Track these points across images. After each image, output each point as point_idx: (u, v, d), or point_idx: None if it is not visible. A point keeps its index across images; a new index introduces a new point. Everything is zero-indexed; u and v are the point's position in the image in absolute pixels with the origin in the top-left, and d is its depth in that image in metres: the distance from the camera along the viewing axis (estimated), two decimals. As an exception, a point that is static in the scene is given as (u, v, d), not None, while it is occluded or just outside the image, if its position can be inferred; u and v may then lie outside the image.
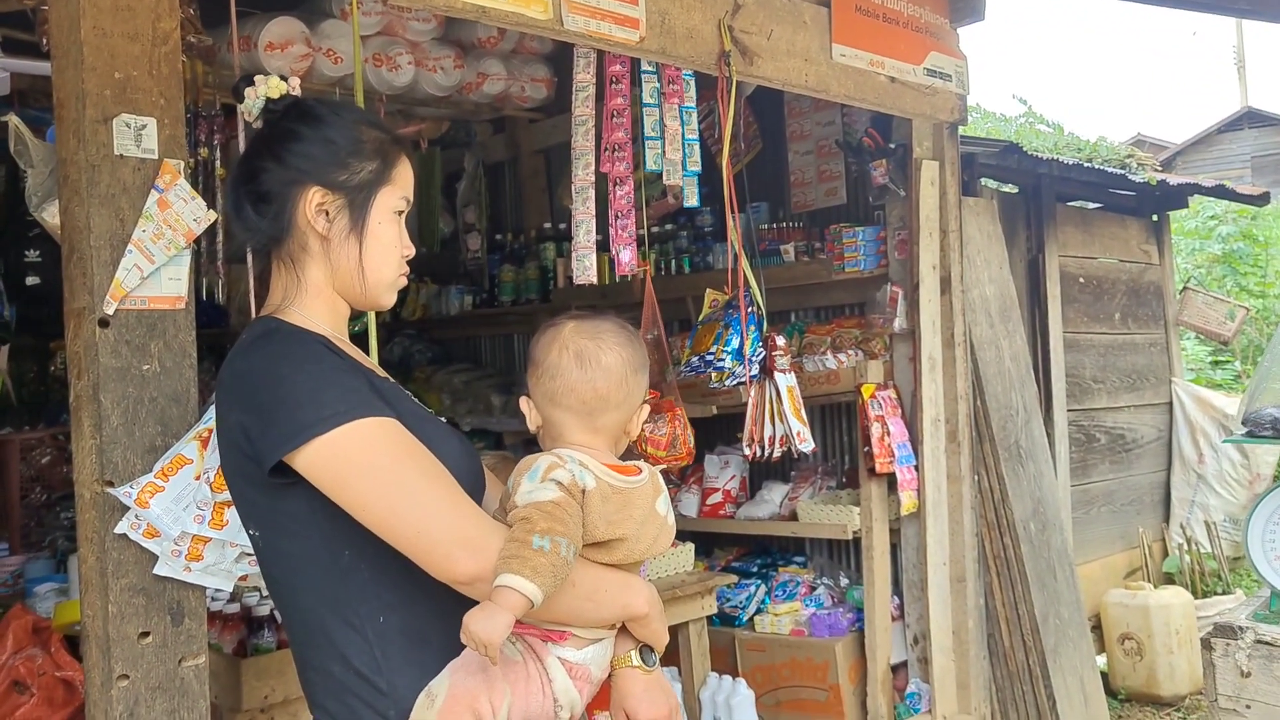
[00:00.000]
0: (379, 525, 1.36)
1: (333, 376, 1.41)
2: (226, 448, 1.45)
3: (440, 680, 1.39)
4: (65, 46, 1.91)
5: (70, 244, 1.91)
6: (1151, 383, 5.86)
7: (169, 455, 1.87)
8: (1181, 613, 4.95)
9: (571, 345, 1.52)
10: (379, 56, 3.46)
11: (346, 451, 1.36)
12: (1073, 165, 5.22)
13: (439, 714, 1.36)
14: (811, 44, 3.27)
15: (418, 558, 1.36)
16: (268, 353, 1.44)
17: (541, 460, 1.44)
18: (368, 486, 1.36)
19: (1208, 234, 9.86)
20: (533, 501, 1.38)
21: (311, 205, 1.52)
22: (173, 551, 1.85)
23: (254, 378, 1.42)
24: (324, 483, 1.37)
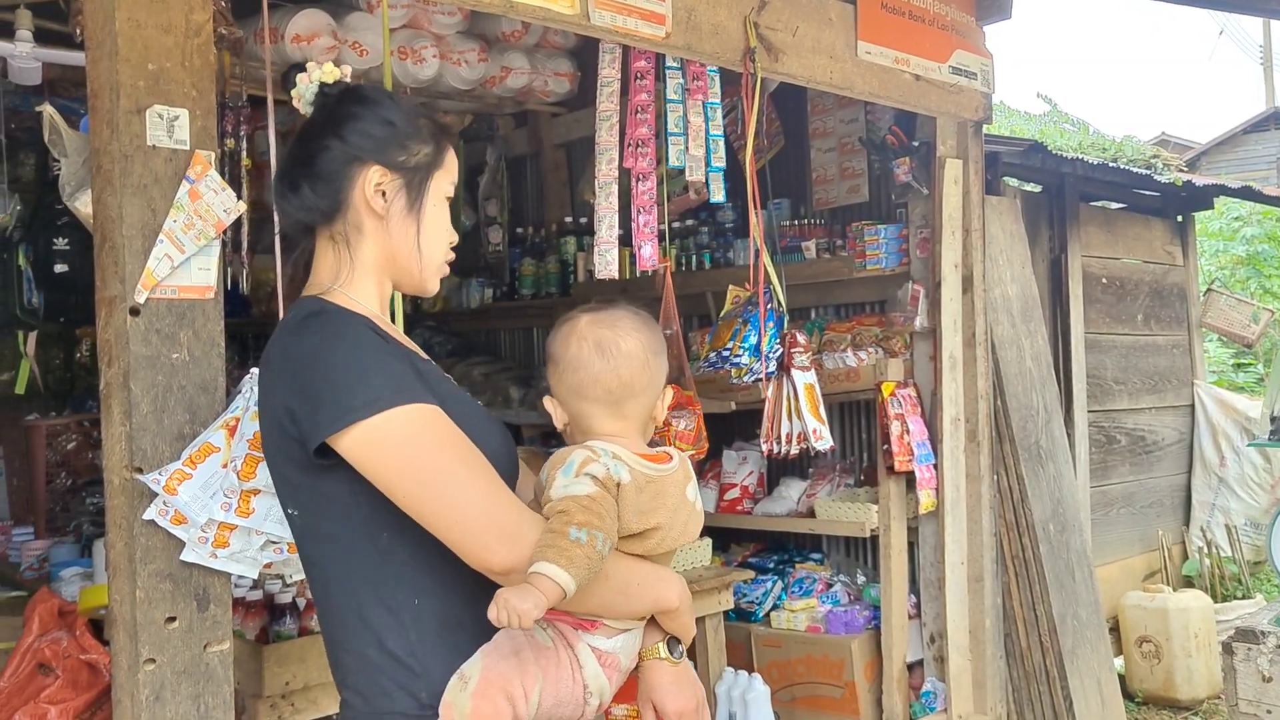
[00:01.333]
0: (417, 511, 1.38)
1: (378, 361, 1.41)
2: (270, 427, 1.46)
3: (473, 663, 1.40)
4: (100, 38, 1.94)
5: (103, 233, 1.93)
6: (1173, 385, 5.83)
7: (197, 443, 1.89)
8: (1200, 616, 4.93)
9: (590, 336, 1.53)
10: (404, 49, 3.48)
11: (389, 437, 1.37)
12: (1097, 165, 5.19)
13: (472, 695, 1.37)
14: (837, 41, 3.27)
15: (454, 545, 1.37)
16: (315, 333, 1.44)
17: (576, 454, 1.45)
18: (408, 473, 1.37)
19: (1232, 235, 9.78)
20: (569, 495, 1.39)
21: (370, 184, 1.53)
22: (199, 538, 1.88)
23: (301, 358, 1.42)
24: (365, 466, 1.38)
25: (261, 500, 1.85)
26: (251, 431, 1.86)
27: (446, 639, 1.44)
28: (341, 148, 1.54)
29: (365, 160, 1.53)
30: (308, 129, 1.59)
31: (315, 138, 1.56)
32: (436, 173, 1.59)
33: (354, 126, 1.55)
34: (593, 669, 1.47)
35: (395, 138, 1.55)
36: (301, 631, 2.53)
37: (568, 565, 1.32)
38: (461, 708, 1.36)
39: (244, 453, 1.83)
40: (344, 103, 1.58)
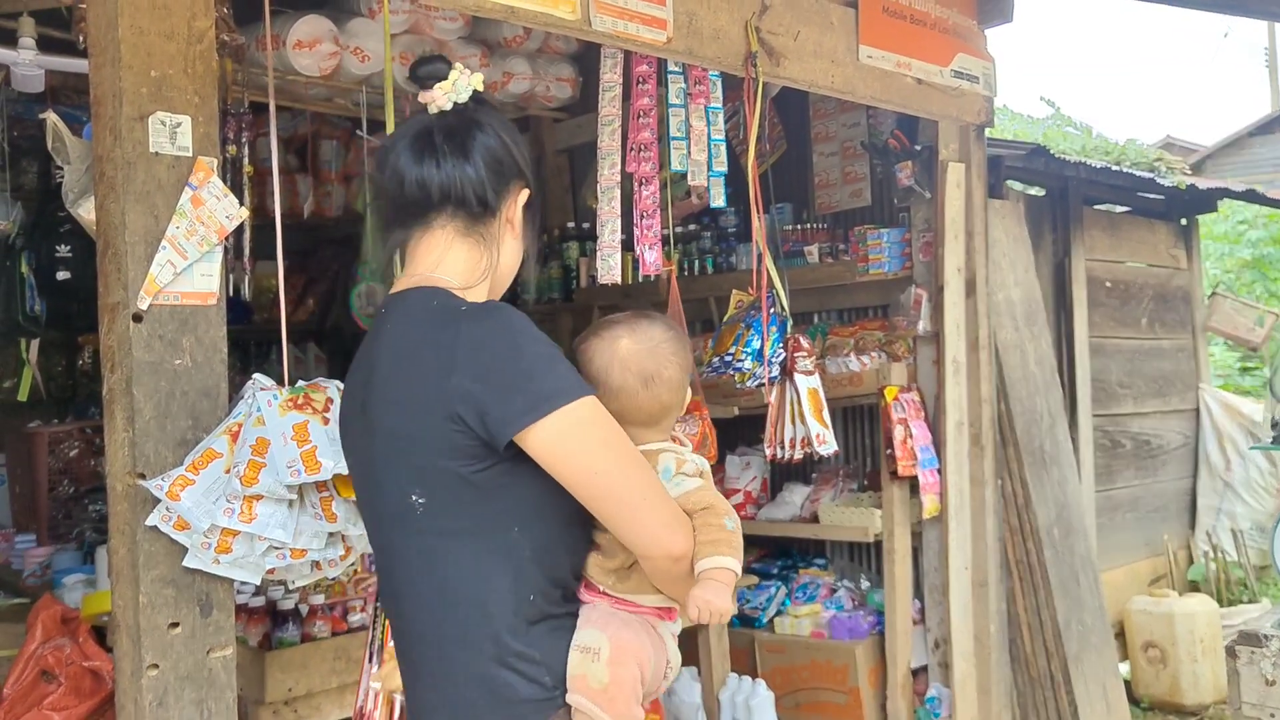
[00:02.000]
0: (600, 495, 1.46)
1: (556, 353, 1.46)
2: (430, 407, 1.44)
3: (598, 636, 1.51)
4: (103, 45, 1.94)
5: (105, 240, 1.94)
6: (1178, 388, 5.81)
7: (200, 449, 1.89)
8: (1206, 621, 4.91)
9: (633, 367, 1.61)
10: (405, 55, 3.48)
11: (582, 424, 1.43)
12: (1100, 168, 5.18)
13: (608, 663, 1.48)
14: (838, 45, 3.27)
15: (630, 530, 1.47)
16: (500, 323, 1.46)
17: (663, 458, 1.59)
18: (600, 458, 1.44)
19: (1237, 239, 9.76)
20: (686, 491, 1.54)
21: (521, 200, 1.63)
22: (202, 544, 1.87)
23: (491, 347, 1.44)
24: (557, 452, 1.43)
25: (265, 505, 1.85)
26: (254, 437, 1.86)
27: (555, 628, 1.52)
28: (511, 161, 1.61)
29: (522, 180, 1.63)
30: (465, 122, 1.59)
31: (481, 133, 1.59)
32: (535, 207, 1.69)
33: (517, 148, 1.62)
34: (672, 648, 1.64)
35: (527, 158, 1.64)
36: (304, 638, 2.53)
37: (732, 553, 1.49)
38: (599, 677, 1.48)
39: (247, 458, 1.83)
40: (496, 118, 1.63)
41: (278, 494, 1.83)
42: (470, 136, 1.58)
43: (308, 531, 1.90)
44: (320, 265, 5.92)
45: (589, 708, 1.48)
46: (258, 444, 1.85)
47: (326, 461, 1.85)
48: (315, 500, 1.90)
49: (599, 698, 1.48)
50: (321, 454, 1.86)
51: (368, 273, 4.05)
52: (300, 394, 1.96)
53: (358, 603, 2.65)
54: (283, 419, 1.89)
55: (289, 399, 1.94)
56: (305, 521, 1.90)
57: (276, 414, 1.90)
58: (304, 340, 5.79)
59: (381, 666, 2.09)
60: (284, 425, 1.88)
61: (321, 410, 1.95)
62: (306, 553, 1.92)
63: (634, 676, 1.51)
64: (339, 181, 4.71)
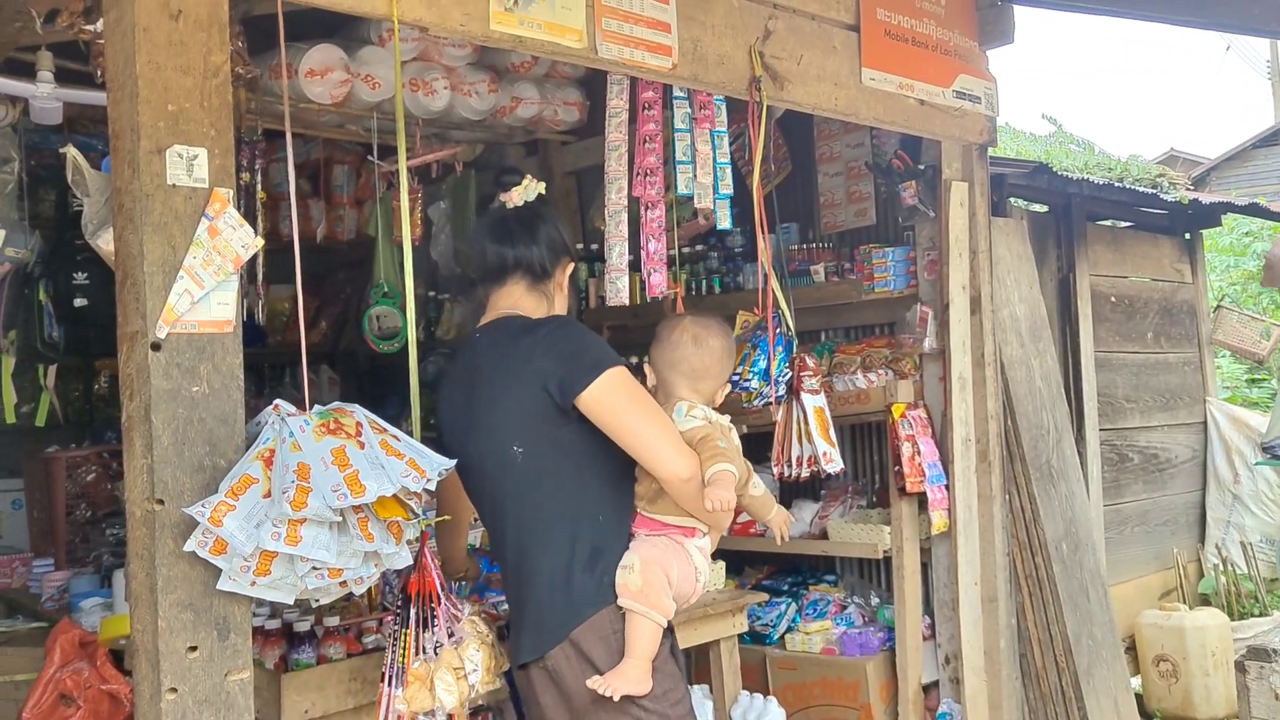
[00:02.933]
0: (631, 438, 2.12)
1: (602, 340, 2.26)
2: (524, 385, 2.15)
3: (631, 555, 2.17)
4: (121, 80, 1.99)
5: (124, 270, 1.98)
6: (1185, 402, 5.82)
7: (235, 475, 1.93)
8: (1217, 634, 4.90)
9: (690, 330, 2.31)
10: (415, 81, 3.54)
11: (620, 382, 2.13)
12: (1103, 185, 5.21)
13: (641, 573, 2.13)
14: (841, 68, 3.31)
15: (652, 461, 2.12)
16: (563, 323, 2.26)
17: (679, 405, 2.24)
18: (631, 408, 2.13)
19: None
20: (691, 427, 2.19)
21: (568, 270, 2.39)
22: (241, 567, 1.91)
23: (560, 334, 2.18)
24: (603, 404, 2.12)
25: (309, 529, 1.89)
26: (295, 463, 1.89)
27: (615, 544, 2.19)
28: (563, 242, 2.37)
29: (569, 255, 2.39)
30: (531, 214, 2.36)
31: (543, 222, 2.36)
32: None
33: (567, 233, 2.40)
34: (699, 559, 2.24)
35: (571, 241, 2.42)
36: (319, 660, 2.55)
37: (730, 461, 2.12)
38: (635, 582, 2.12)
39: (295, 483, 1.86)
40: (551, 212, 2.41)
41: (323, 517, 1.87)
42: (536, 226, 2.33)
43: (349, 551, 1.95)
44: (333, 289, 5.97)
45: (631, 604, 2.11)
46: (300, 469, 1.88)
47: (370, 484, 1.90)
48: (354, 522, 1.95)
49: (637, 596, 2.11)
50: (364, 477, 1.90)
51: (380, 296, 4.09)
52: (330, 419, 1.99)
53: (372, 624, 2.68)
54: (319, 444, 1.93)
55: (321, 424, 1.98)
56: (346, 542, 1.94)
57: (312, 439, 1.94)
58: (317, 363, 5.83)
59: (405, 688, 2.12)
60: (322, 450, 1.92)
61: (354, 435, 2.00)
62: (343, 572, 1.97)
63: (660, 579, 2.13)
64: (351, 206, 4.76)
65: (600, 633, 2.12)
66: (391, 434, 2.06)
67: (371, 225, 4.41)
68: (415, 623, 2.18)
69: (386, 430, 2.06)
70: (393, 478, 1.95)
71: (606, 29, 2.67)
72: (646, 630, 2.11)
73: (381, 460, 1.97)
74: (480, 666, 2.14)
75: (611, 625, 2.13)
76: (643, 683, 2.09)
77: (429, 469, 2.02)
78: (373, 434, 2.02)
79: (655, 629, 2.13)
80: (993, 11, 3.87)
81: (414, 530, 2.08)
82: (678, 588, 2.18)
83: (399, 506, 2.00)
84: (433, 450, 2.09)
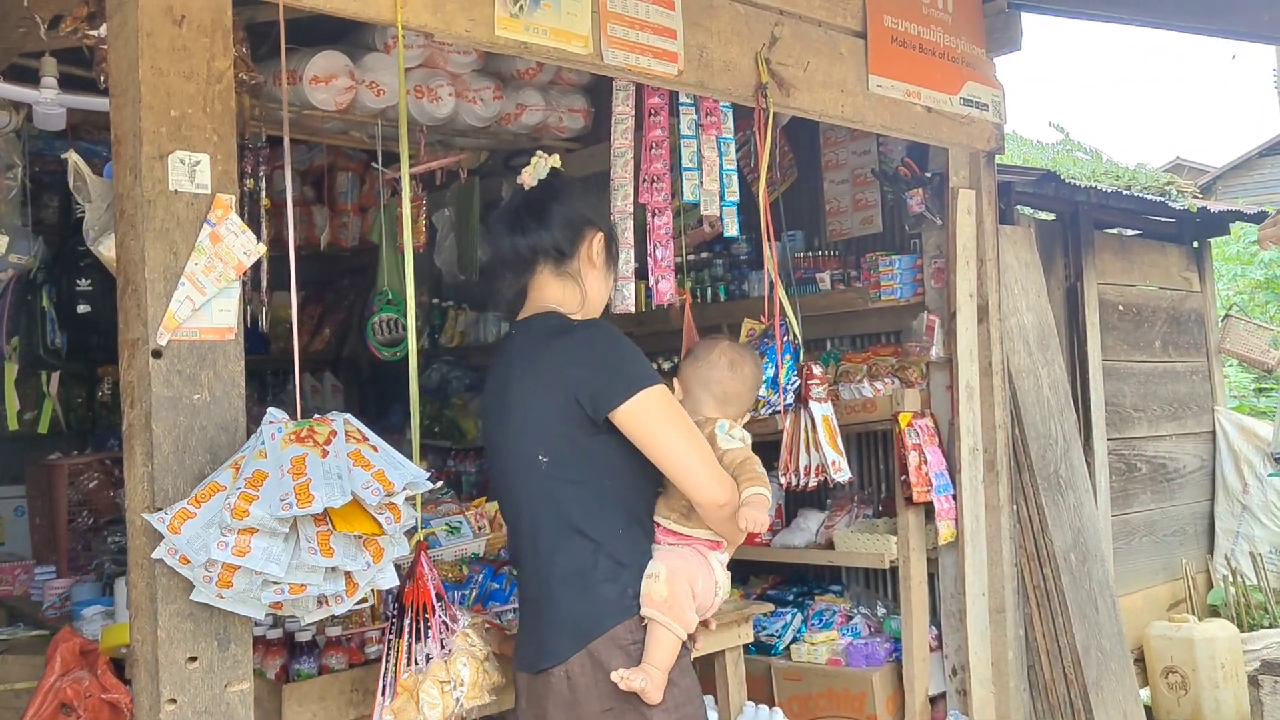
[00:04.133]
0: (666, 458, 2.10)
1: (639, 352, 2.14)
2: (554, 392, 2.10)
3: (657, 564, 2.16)
4: (124, 85, 1.98)
5: (126, 276, 1.96)
6: (1194, 411, 5.78)
7: (205, 482, 1.88)
8: (1227, 646, 4.86)
9: (728, 354, 2.35)
10: (420, 88, 3.52)
11: (660, 403, 2.09)
12: (1111, 193, 5.18)
13: (667, 582, 2.12)
14: (848, 75, 3.29)
15: (686, 483, 2.11)
16: (601, 330, 2.16)
17: (722, 423, 2.27)
18: (671, 431, 2.09)
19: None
20: (732, 448, 2.22)
21: (596, 242, 2.27)
22: (204, 578, 1.85)
23: (597, 343, 2.12)
24: (640, 422, 2.08)
25: (259, 539, 1.81)
26: (252, 470, 1.83)
27: (637, 551, 2.17)
28: (581, 216, 2.25)
29: (595, 226, 2.27)
30: (543, 194, 2.27)
31: (555, 201, 2.25)
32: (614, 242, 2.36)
33: (589, 201, 2.30)
34: (720, 572, 2.26)
35: (601, 211, 2.32)
36: (321, 670, 2.53)
37: (765, 486, 2.16)
38: (660, 592, 2.11)
39: (239, 490, 1.80)
40: (566, 181, 2.30)
41: (270, 527, 1.80)
42: (547, 208, 2.24)
43: (303, 567, 1.86)
44: (336, 295, 5.96)
45: (655, 615, 2.10)
46: (254, 476, 1.82)
47: (318, 494, 1.81)
48: (311, 534, 1.85)
49: (662, 607, 2.11)
50: (314, 488, 1.81)
51: (384, 303, 4.07)
52: (305, 427, 1.93)
53: (374, 634, 2.65)
54: (283, 452, 1.87)
55: (293, 432, 1.92)
56: (299, 556, 1.85)
57: (278, 447, 1.87)
58: (320, 370, 5.82)
59: (395, 699, 2.10)
60: (283, 458, 1.85)
61: (322, 443, 1.92)
62: (306, 588, 1.88)
63: (686, 590, 2.13)
64: (355, 213, 4.76)
65: (620, 643, 2.10)
66: (371, 444, 1.97)
67: (375, 232, 4.39)
68: (408, 633, 2.15)
69: (366, 440, 1.98)
70: (346, 488, 1.85)
71: (612, 35, 2.65)
72: (667, 642, 2.10)
73: (342, 470, 1.87)
74: (467, 682, 2.09)
75: (632, 636, 2.11)
76: (657, 693, 2.08)
77: (397, 481, 1.91)
78: (345, 443, 1.93)
79: (675, 641, 2.11)
80: (1000, 19, 3.86)
81: (399, 547, 1.99)
82: (700, 600, 2.19)
83: (367, 520, 1.89)
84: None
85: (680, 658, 2.15)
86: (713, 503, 2.10)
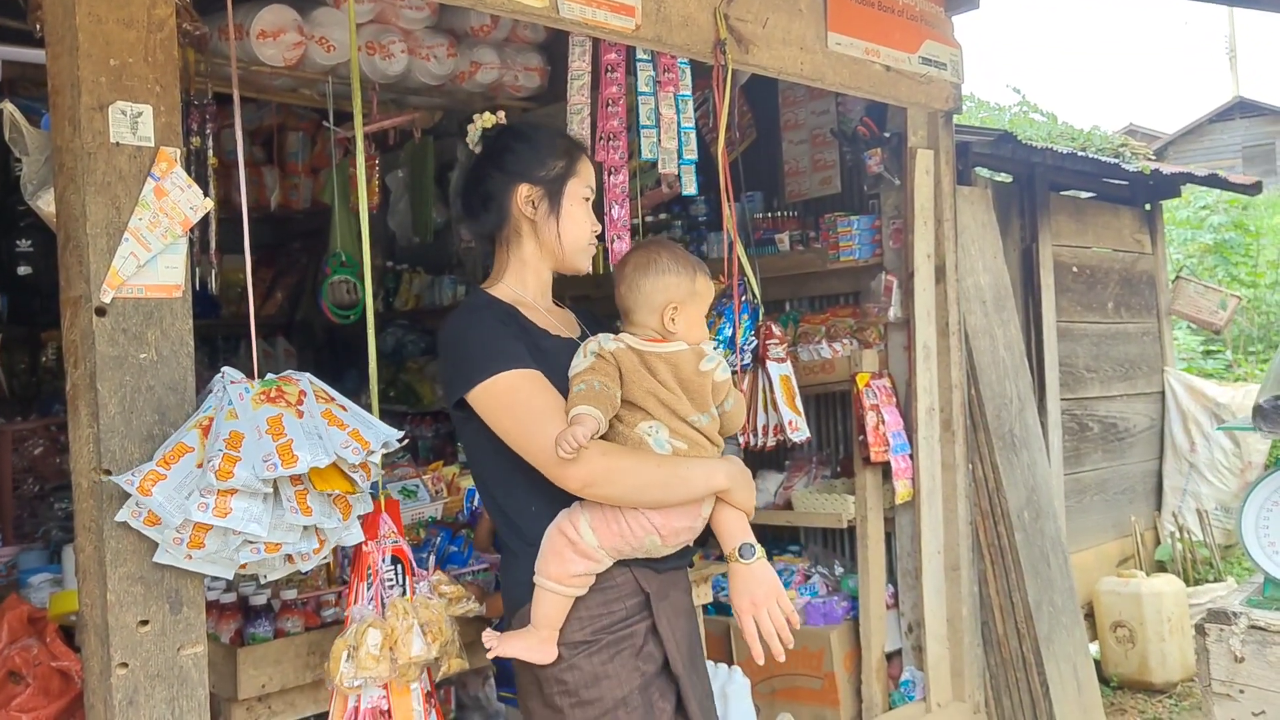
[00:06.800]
0: (516, 445, 1.98)
1: (492, 341, 2.00)
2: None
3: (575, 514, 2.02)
4: (60, 33, 1.90)
5: (66, 232, 1.90)
6: (1144, 372, 5.88)
7: (170, 443, 1.86)
8: (1173, 600, 4.98)
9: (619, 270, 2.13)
10: (372, 44, 3.44)
11: (498, 393, 1.97)
12: (1066, 154, 5.22)
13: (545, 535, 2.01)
14: (807, 32, 3.27)
15: (538, 466, 1.97)
16: (456, 319, 2.08)
17: (587, 343, 2.03)
18: (510, 418, 1.97)
19: (1199, 224, 9.88)
20: (578, 370, 1.99)
21: (521, 197, 2.13)
22: (174, 539, 1.84)
23: (445, 341, 2.06)
24: (484, 415, 1.99)
25: (239, 500, 1.82)
26: (228, 431, 1.83)
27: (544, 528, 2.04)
28: (500, 175, 2.14)
29: (517, 181, 2.13)
30: (476, 164, 2.20)
31: (482, 170, 2.17)
32: (570, 181, 2.16)
33: (506, 157, 2.14)
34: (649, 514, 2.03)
35: (536, 158, 2.13)
36: (277, 634, 2.50)
37: (587, 401, 1.90)
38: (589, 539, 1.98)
39: (221, 451, 1.80)
40: (499, 139, 2.19)
41: (253, 488, 1.80)
42: (461, 181, 2.22)
43: (282, 525, 1.87)
44: (288, 258, 5.86)
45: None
46: (231, 437, 1.82)
47: (303, 455, 1.82)
48: (290, 494, 1.87)
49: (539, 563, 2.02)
50: (297, 447, 1.83)
51: (338, 265, 4.01)
52: (273, 387, 1.93)
53: (331, 597, 2.62)
54: (256, 412, 1.86)
55: (261, 392, 1.91)
56: (280, 515, 1.87)
57: (250, 407, 1.87)
58: (273, 334, 5.73)
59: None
60: (258, 419, 1.85)
61: (295, 403, 1.92)
62: (281, 547, 1.89)
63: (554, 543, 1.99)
64: (306, 174, 4.66)
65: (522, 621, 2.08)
66: (339, 404, 1.99)
67: (327, 193, 4.31)
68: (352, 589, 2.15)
69: (334, 400, 2.00)
70: (329, 449, 1.87)
71: (568, -12, 2.60)
72: (541, 597, 1.99)
73: (320, 430, 1.89)
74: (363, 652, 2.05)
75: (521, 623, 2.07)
76: (535, 653, 1.98)
77: (373, 440, 1.94)
78: (316, 403, 1.95)
79: (550, 597, 1.98)
80: (958, -25, 3.84)
81: (365, 504, 2.02)
82: (611, 543, 1.99)
83: (342, 479, 1.93)
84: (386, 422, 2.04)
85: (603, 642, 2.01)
86: (559, 480, 1.95)
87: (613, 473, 1.94)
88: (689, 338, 2.06)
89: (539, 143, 2.15)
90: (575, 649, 2.01)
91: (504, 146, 2.16)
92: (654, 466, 1.97)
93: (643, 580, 2.07)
